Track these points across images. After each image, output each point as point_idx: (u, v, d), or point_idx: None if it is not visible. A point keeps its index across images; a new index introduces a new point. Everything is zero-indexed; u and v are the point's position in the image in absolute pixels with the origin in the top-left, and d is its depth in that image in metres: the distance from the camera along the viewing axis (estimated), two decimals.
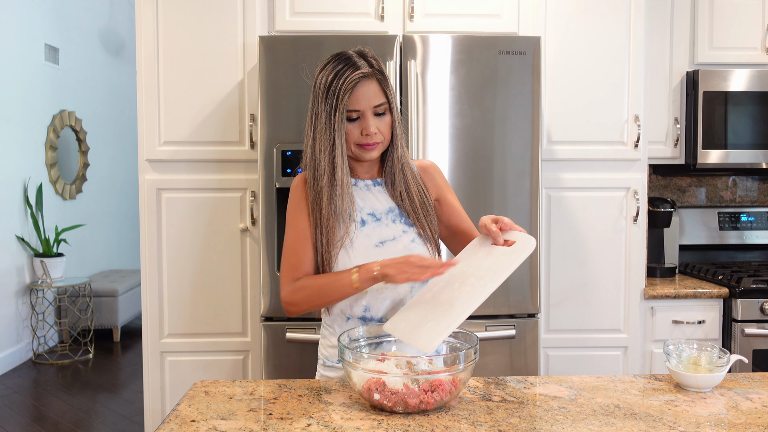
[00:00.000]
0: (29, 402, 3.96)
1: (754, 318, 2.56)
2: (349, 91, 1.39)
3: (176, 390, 2.49)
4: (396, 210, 1.51)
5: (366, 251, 1.45)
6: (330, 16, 2.44)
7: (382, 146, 1.46)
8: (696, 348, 1.44)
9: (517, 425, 1.18)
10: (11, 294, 4.71)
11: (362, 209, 1.49)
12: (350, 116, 1.42)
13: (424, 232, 1.50)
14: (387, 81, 1.44)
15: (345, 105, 1.39)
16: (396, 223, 1.49)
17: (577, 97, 2.49)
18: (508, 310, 2.31)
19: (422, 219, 1.50)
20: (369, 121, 1.42)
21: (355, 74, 1.39)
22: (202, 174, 2.46)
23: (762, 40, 2.83)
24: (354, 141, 1.44)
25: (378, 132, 1.43)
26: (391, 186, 1.51)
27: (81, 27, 5.68)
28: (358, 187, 1.51)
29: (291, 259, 1.49)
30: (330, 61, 1.44)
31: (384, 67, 1.46)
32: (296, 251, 1.49)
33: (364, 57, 1.43)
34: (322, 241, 1.45)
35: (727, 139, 2.80)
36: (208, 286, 2.47)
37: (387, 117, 1.45)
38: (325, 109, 1.41)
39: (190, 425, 1.18)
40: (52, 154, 5.20)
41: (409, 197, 1.50)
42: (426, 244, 1.49)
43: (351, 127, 1.43)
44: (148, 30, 2.41)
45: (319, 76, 1.44)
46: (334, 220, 1.44)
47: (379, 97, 1.42)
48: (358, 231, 1.47)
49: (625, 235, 2.53)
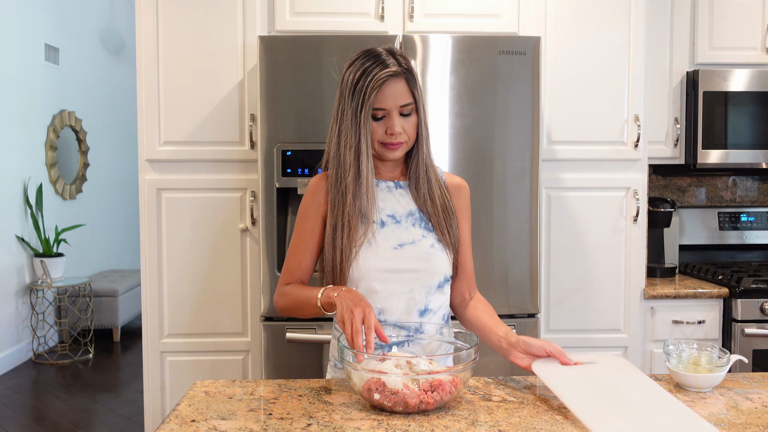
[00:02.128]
0: (29, 402, 3.96)
1: (754, 318, 2.56)
2: (376, 89, 1.37)
3: (176, 390, 2.49)
4: (416, 214, 1.49)
5: (385, 252, 1.44)
6: (330, 16, 2.44)
7: (406, 146, 1.45)
8: (696, 348, 1.44)
9: (517, 425, 1.18)
10: (11, 294, 4.71)
11: (382, 210, 1.47)
12: (376, 115, 1.40)
13: (443, 238, 1.48)
14: (415, 81, 1.42)
15: (371, 103, 1.38)
16: (416, 226, 1.48)
17: (577, 97, 2.49)
18: (508, 310, 2.31)
19: (442, 224, 1.49)
20: (394, 121, 1.40)
21: (383, 72, 1.38)
22: (202, 174, 2.46)
23: (762, 40, 2.83)
24: (378, 139, 1.42)
25: (403, 132, 1.41)
26: (416, 188, 1.49)
27: (81, 27, 5.68)
28: (379, 188, 1.49)
29: (289, 263, 1.50)
30: (359, 57, 1.42)
31: (413, 67, 1.44)
32: (295, 255, 1.49)
33: (393, 55, 1.42)
34: (343, 238, 1.43)
35: (727, 139, 2.80)
36: (208, 286, 2.47)
37: (413, 117, 1.43)
38: (351, 106, 1.39)
39: (190, 425, 1.18)
40: (52, 154, 5.20)
41: (432, 200, 1.49)
42: (445, 250, 1.48)
43: (376, 126, 1.41)
44: (148, 30, 2.41)
45: (347, 72, 1.42)
46: (356, 219, 1.43)
47: (406, 96, 1.41)
48: (378, 232, 1.46)
49: (625, 235, 2.53)
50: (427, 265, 1.45)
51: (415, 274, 1.45)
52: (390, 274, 1.44)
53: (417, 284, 1.46)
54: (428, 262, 1.46)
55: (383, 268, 1.44)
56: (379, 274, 1.43)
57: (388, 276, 1.44)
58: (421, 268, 1.45)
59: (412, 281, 1.45)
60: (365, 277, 1.43)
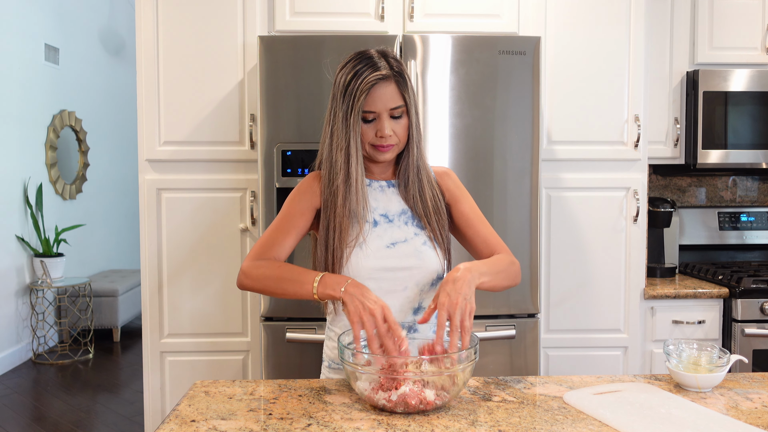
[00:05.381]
0: (29, 402, 3.96)
1: (754, 318, 2.56)
2: (365, 92, 1.38)
3: (176, 390, 2.49)
4: (408, 212, 1.50)
5: (378, 251, 1.45)
6: (330, 16, 2.44)
7: (396, 148, 1.45)
8: (696, 348, 1.44)
9: (517, 425, 1.18)
10: (11, 294, 4.71)
11: (375, 210, 1.48)
12: (366, 117, 1.41)
13: (435, 236, 1.49)
14: (406, 84, 1.42)
15: (361, 106, 1.38)
16: (408, 225, 1.49)
17: (577, 97, 2.49)
18: (508, 310, 2.31)
19: (434, 223, 1.49)
20: (384, 123, 1.40)
21: (373, 75, 1.38)
22: (202, 174, 2.46)
23: (762, 40, 2.83)
24: (369, 141, 1.43)
25: (393, 134, 1.42)
26: (404, 188, 1.50)
27: (81, 27, 5.68)
28: (372, 188, 1.50)
29: (268, 237, 1.47)
30: (351, 59, 1.42)
31: (405, 69, 1.44)
32: (277, 233, 1.46)
33: (385, 57, 1.42)
34: (335, 239, 1.43)
35: (727, 139, 2.80)
36: (208, 286, 2.47)
37: (404, 120, 1.43)
38: (342, 108, 1.40)
39: (190, 425, 1.18)
40: (52, 154, 5.20)
41: (422, 201, 1.49)
42: (436, 249, 1.49)
43: (366, 128, 1.42)
44: (148, 30, 2.41)
45: (339, 74, 1.43)
46: (348, 220, 1.43)
47: (396, 99, 1.41)
48: (371, 231, 1.46)
49: (625, 235, 2.53)
50: (420, 262, 1.46)
51: (409, 272, 1.46)
52: (383, 273, 1.45)
53: (411, 282, 1.46)
54: (421, 259, 1.46)
55: (376, 267, 1.44)
56: (372, 273, 1.44)
57: (382, 274, 1.44)
58: (414, 266, 1.46)
59: (405, 279, 1.46)
60: (358, 276, 1.44)
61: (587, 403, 1.28)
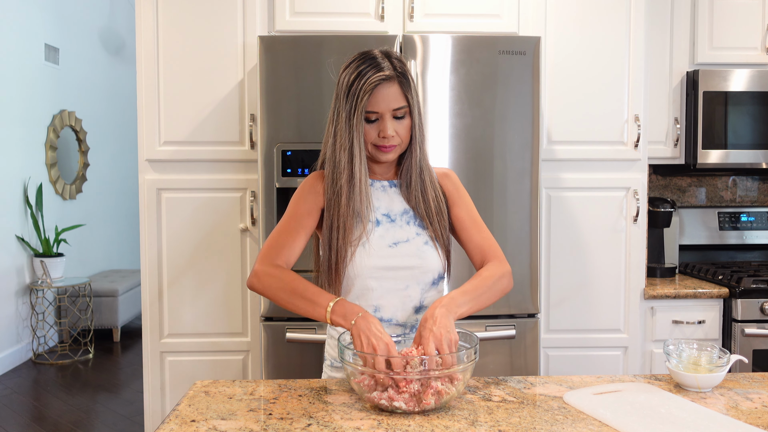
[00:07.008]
0: (29, 402, 3.96)
1: (754, 318, 2.56)
2: (368, 92, 1.38)
3: (176, 390, 2.49)
4: (410, 212, 1.51)
5: (380, 251, 1.45)
6: (330, 16, 2.44)
7: (399, 149, 1.46)
8: (696, 348, 1.44)
9: (517, 425, 1.18)
10: (11, 294, 4.71)
11: (377, 209, 1.49)
12: (369, 117, 1.41)
13: (436, 236, 1.50)
14: (409, 84, 1.43)
15: (364, 106, 1.39)
16: (410, 225, 1.49)
17: (577, 97, 2.49)
18: (508, 310, 2.31)
19: (435, 223, 1.50)
20: (387, 124, 1.41)
21: (376, 76, 1.38)
22: (202, 174, 2.46)
23: (762, 40, 2.83)
24: (371, 141, 1.43)
25: (396, 135, 1.42)
26: (407, 189, 1.50)
27: (81, 27, 5.68)
28: (374, 188, 1.51)
29: (279, 239, 1.45)
30: (354, 59, 1.43)
31: (408, 70, 1.45)
32: (287, 235, 1.46)
33: (388, 58, 1.42)
34: (338, 239, 1.44)
35: (727, 139, 2.80)
36: (208, 286, 2.47)
37: (406, 120, 1.44)
38: (345, 109, 1.40)
39: (190, 425, 1.18)
40: (52, 154, 5.20)
41: (425, 201, 1.49)
42: (437, 249, 1.49)
43: (369, 128, 1.42)
44: (148, 30, 2.41)
45: (342, 74, 1.43)
46: (351, 219, 1.44)
47: (399, 100, 1.41)
48: (373, 231, 1.47)
49: (625, 235, 2.53)
50: (421, 262, 1.47)
51: (410, 272, 1.46)
52: (385, 272, 1.45)
53: (412, 281, 1.47)
54: (422, 259, 1.47)
55: (378, 266, 1.45)
56: (374, 272, 1.45)
57: (384, 273, 1.45)
58: (415, 266, 1.46)
59: (407, 278, 1.46)
60: (361, 275, 1.44)
61: (587, 403, 1.28)
